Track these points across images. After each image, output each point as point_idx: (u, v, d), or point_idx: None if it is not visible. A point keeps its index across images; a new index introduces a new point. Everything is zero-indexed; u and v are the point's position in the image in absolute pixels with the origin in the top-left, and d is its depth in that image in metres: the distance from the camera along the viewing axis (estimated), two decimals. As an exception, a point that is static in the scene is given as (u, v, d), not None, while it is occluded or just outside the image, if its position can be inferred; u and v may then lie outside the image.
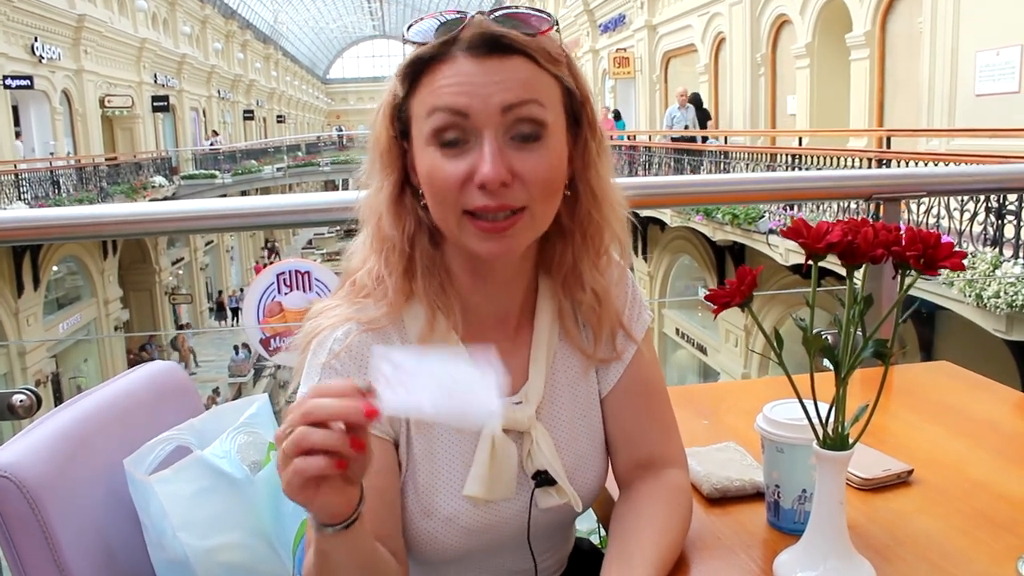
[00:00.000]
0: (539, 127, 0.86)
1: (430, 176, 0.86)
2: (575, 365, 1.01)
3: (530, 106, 0.85)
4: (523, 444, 0.96)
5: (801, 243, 0.83)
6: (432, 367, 0.71)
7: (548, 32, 0.88)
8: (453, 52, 0.86)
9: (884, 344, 0.84)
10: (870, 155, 8.75)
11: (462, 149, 0.85)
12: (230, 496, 1.05)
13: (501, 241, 0.87)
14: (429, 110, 0.86)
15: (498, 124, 0.84)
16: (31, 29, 17.03)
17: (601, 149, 0.94)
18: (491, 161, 0.83)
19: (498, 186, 0.83)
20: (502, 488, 0.94)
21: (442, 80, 0.85)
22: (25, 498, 0.91)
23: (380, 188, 0.93)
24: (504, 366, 0.97)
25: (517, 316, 0.99)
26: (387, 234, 0.93)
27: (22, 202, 13.77)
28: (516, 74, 0.85)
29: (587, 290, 0.97)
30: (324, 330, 0.93)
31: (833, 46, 12.13)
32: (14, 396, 1.59)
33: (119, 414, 1.11)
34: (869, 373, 1.45)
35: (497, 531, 0.97)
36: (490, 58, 0.85)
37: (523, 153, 0.85)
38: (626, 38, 20.58)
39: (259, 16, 41.13)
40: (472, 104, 0.83)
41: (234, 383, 19.16)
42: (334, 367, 0.91)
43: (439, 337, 0.93)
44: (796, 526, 0.97)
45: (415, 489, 0.95)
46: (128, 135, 22.91)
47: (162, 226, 1.75)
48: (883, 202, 1.88)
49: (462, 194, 0.85)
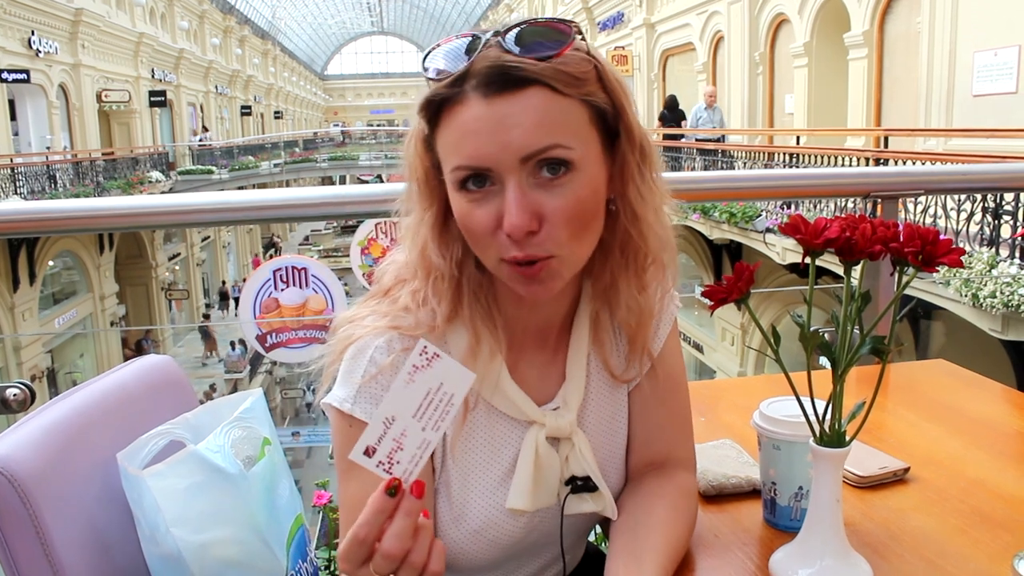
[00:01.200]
0: (565, 165, 0.81)
1: (463, 223, 0.84)
2: (613, 360, 1.00)
3: (553, 151, 0.79)
4: (561, 449, 0.94)
5: (799, 239, 0.83)
6: (403, 410, 0.70)
7: (567, 50, 0.81)
8: (465, 91, 0.80)
9: (881, 341, 0.83)
10: (868, 154, 8.76)
11: (488, 192, 0.81)
12: (224, 491, 1.05)
13: (536, 285, 0.85)
14: (452, 164, 0.82)
15: (519, 171, 0.80)
16: (28, 23, 16.98)
17: (645, 160, 0.88)
18: (515, 211, 0.79)
19: (524, 235, 0.80)
20: (545, 497, 0.93)
21: (458, 127, 0.81)
22: (17, 492, 0.91)
23: (422, 219, 0.90)
24: (542, 372, 0.97)
25: (559, 325, 0.98)
26: (435, 263, 0.89)
27: (18, 196, 13.74)
28: (532, 113, 0.79)
29: (623, 306, 0.94)
30: (363, 336, 0.90)
31: (831, 45, 12.15)
32: (7, 390, 1.59)
33: (113, 408, 1.11)
34: (866, 371, 1.45)
35: (527, 540, 0.96)
36: (503, 97, 0.79)
37: (550, 193, 0.81)
38: (624, 36, 20.59)
39: (257, 12, 41.08)
40: (491, 154, 0.79)
41: (230, 379, 19.14)
42: (380, 382, 0.88)
43: (484, 360, 0.91)
44: (792, 523, 0.96)
45: (448, 497, 0.93)
46: (125, 130, 22.86)
47: (158, 219, 1.75)
48: (881, 200, 1.88)
49: (495, 240, 0.82)
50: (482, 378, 0.91)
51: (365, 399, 0.88)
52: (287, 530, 1.13)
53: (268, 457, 1.13)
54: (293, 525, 1.15)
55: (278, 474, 1.14)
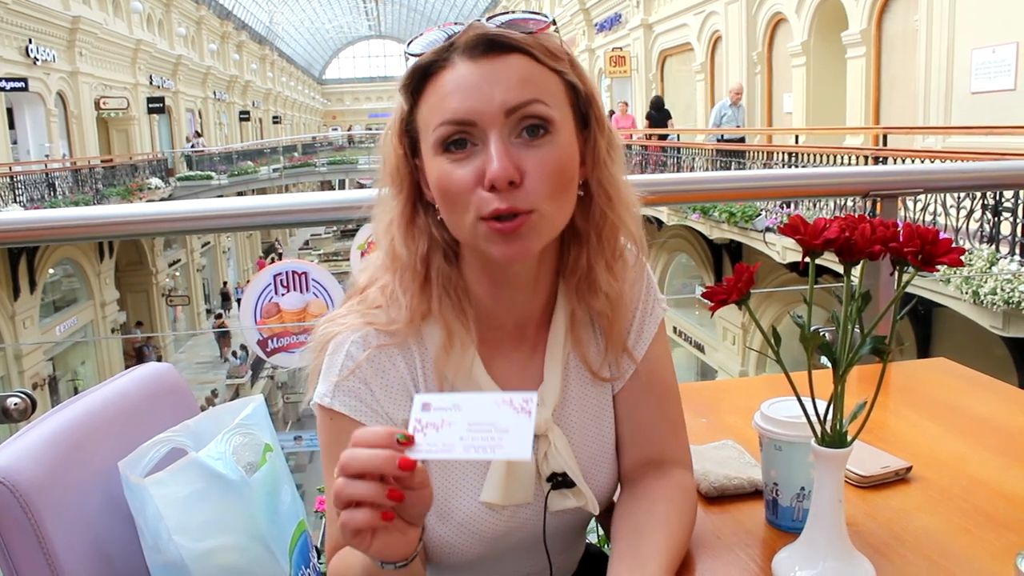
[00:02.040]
0: (545, 123, 0.85)
1: (441, 184, 0.86)
2: (591, 356, 1.00)
3: (534, 105, 0.84)
4: (539, 447, 0.95)
5: (798, 239, 0.83)
6: (469, 413, 0.71)
7: (545, 30, 0.87)
8: (451, 58, 0.86)
9: (882, 341, 0.83)
10: (866, 153, 8.77)
11: (469, 152, 0.84)
12: (226, 498, 1.05)
13: (515, 243, 0.85)
14: (435, 123, 0.85)
15: (503, 125, 0.83)
16: (25, 31, 16.99)
17: (612, 147, 0.93)
18: (498, 159, 0.82)
19: (506, 184, 0.82)
20: (519, 492, 0.94)
21: (443, 88, 0.85)
22: (19, 502, 0.91)
23: (391, 208, 0.93)
24: (519, 369, 0.97)
25: (536, 322, 0.98)
26: (399, 253, 0.92)
27: (17, 205, 13.74)
28: (516, 72, 0.85)
29: (601, 295, 0.96)
30: (340, 332, 0.93)
31: (829, 44, 12.15)
32: (8, 399, 1.58)
33: (114, 416, 1.11)
34: (867, 370, 1.45)
35: (513, 535, 0.96)
36: (487, 58, 0.85)
37: (531, 151, 0.84)
38: (622, 37, 20.61)
39: (255, 17, 41.10)
40: (475, 108, 0.83)
41: (232, 384, 19.14)
42: (364, 379, 0.91)
43: (457, 355, 0.92)
44: (795, 524, 0.96)
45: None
46: (124, 137, 22.87)
47: (158, 227, 1.74)
48: (880, 199, 1.88)
49: (474, 198, 0.84)
50: (455, 370, 0.93)
51: (344, 392, 0.91)
52: (290, 536, 1.13)
53: (270, 463, 1.13)
54: (295, 531, 1.14)
55: (280, 480, 1.14)
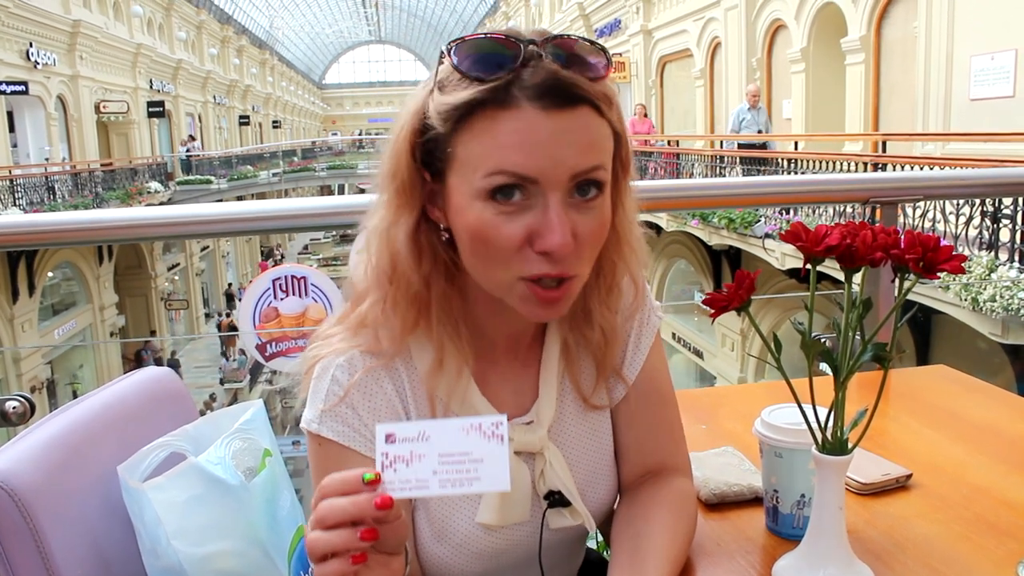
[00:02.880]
0: (600, 185, 0.82)
1: (481, 235, 0.80)
2: (584, 384, 1.00)
3: (597, 172, 0.80)
4: (535, 465, 0.94)
5: (799, 246, 0.83)
6: (438, 443, 0.69)
7: (610, 73, 0.82)
8: (517, 98, 0.78)
9: (883, 348, 0.83)
10: (866, 159, 8.78)
11: (519, 206, 0.79)
12: (225, 503, 1.04)
13: (552, 308, 0.84)
14: (488, 169, 0.78)
15: (566, 189, 0.79)
16: (26, 35, 17.01)
17: (632, 190, 0.90)
18: (560, 231, 0.78)
19: (566, 254, 0.79)
20: (516, 512, 0.93)
21: (506, 134, 0.78)
22: (17, 506, 0.90)
23: (395, 223, 0.87)
24: (514, 387, 0.96)
25: (529, 338, 0.97)
26: (402, 272, 0.87)
27: (17, 208, 13.74)
28: (586, 133, 0.79)
29: (595, 327, 0.95)
30: (326, 356, 0.90)
31: (828, 51, 12.17)
32: (7, 403, 1.58)
33: (113, 420, 1.10)
34: (867, 377, 1.45)
35: (509, 554, 0.95)
36: (561, 111, 0.78)
37: (582, 214, 0.80)
38: (622, 43, 20.64)
39: (255, 21, 41.16)
40: (542, 168, 0.77)
41: (230, 389, 19.11)
42: (350, 404, 0.89)
43: (451, 375, 0.90)
44: (795, 531, 0.96)
45: (427, 513, 0.93)
46: (124, 141, 22.88)
47: (157, 231, 1.75)
48: (880, 206, 1.88)
49: (518, 257, 0.80)
50: (449, 391, 0.91)
51: (330, 418, 0.88)
52: (289, 541, 1.13)
53: (269, 468, 1.13)
54: (295, 536, 1.14)
55: (279, 485, 1.14)
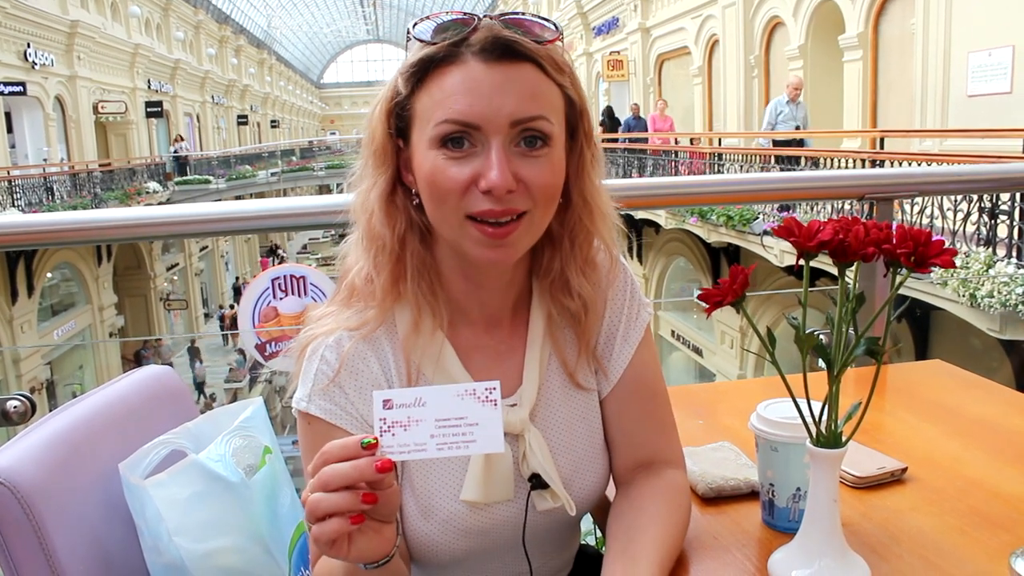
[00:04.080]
0: (545, 137, 0.87)
1: (432, 178, 0.87)
2: (568, 357, 1.01)
3: (539, 121, 0.86)
4: (517, 447, 0.96)
5: (792, 241, 0.84)
6: (434, 408, 0.72)
7: (555, 41, 0.89)
8: (463, 54, 0.86)
9: (876, 342, 0.84)
10: (863, 156, 8.78)
11: (467, 153, 0.86)
12: (225, 500, 1.05)
13: (500, 249, 0.88)
14: (438, 118, 0.86)
15: (506, 134, 0.85)
16: (24, 35, 16.99)
17: (595, 158, 0.96)
18: (499, 168, 0.84)
19: (504, 192, 0.84)
20: (498, 491, 0.95)
21: (452, 84, 0.86)
22: (20, 504, 0.91)
23: (372, 186, 0.94)
24: (498, 368, 0.98)
25: (510, 319, 1.00)
26: (377, 232, 0.93)
27: (15, 209, 13.73)
28: (526, 84, 0.86)
29: (574, 296, 0.98)
30: (316, 338, 0.95)
31: (826, 48, 12.17)
32: (8, 402, 1.59)
33: (114, 419, 1.11)
34: (863, 372, 1.46)
35: (495, 533, 0.97)
36: (501, 64, 0.86)
37: (528, 161, 0.86)
38: (620, 41, 20.64)
39: (253, 21, 41.11)
40: (483, 113, 0.84)
41: (230, 388, 19.11)
42: (338, 383, 0.92)
43: (425, 337, 0.94)
44: (791, 524, 0.97)
45: (412, 491, 0.95)
46: (122, 141, 22.88)
47: (156, 231, 1.75)
48: (876, 202, 1.89)
49: (465, 198, 0.86)
50: (422, 354, 0.94)
51: (319, 397, 0.92)
52: (289, 538, 1.13)
53: (269, 465, 1.13)
54: (295, 533, 1.15)
55: (279, 482, 1.15)
